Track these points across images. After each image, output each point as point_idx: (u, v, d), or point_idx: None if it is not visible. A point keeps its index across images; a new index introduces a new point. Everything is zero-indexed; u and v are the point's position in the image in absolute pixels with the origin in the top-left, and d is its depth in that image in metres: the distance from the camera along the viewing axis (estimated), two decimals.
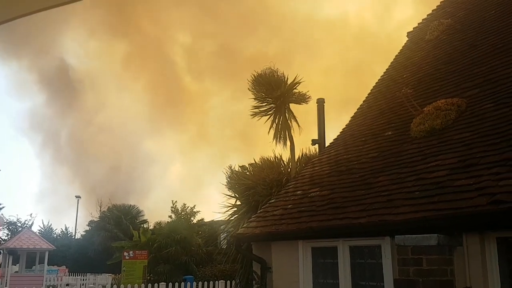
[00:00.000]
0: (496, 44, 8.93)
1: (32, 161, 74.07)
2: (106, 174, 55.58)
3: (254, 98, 12.88)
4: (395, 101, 9.56)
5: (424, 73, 10.13)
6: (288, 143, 12.70)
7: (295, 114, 13.00)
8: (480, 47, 9.31)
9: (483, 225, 5.35)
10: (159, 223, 25.21)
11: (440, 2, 13.08)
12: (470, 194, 5.41)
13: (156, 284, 14.87)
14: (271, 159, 13.60)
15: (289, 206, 8.47)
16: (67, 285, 26.28)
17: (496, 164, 5.67)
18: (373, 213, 6.39)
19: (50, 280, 26.12)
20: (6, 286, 21.46)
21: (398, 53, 12.39)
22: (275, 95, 12.55)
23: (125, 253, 17.08)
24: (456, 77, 8.94)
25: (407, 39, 12.86)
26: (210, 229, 22.56)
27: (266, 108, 12.91)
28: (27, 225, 35.29)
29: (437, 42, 11.00)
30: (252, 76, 12.78)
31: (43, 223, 38.09)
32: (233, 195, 13.77)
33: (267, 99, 12.83)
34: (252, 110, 13.00)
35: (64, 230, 39.02)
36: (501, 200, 4.97)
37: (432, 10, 12.99)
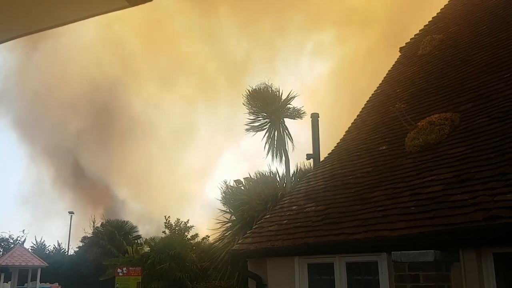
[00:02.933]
0: (487, 59, 9.02)
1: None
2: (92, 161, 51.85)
3: (249, 113, 12.92)
4: (389, 115, 9.60)
5: (417, 88, 10.20)
6: (283, 157, 12.70)
7: (289, 128, 13.04)
8: (472, 62, 9.41)
9: (479, 240, 5.34)
10: (153, 239, 24.99)
11: (432, 18, 13.24)
12: (466, 209, 5.40)
13: None
14: (266, 173, 13.59)
15: (285, 221, 8.42)
16: None
17: (491, 179, 5.69)
18: (369, 229, 6.36)
19: None
20: None
21: (391, 68, 12.49)
22: (269, 110, 12.59)
23: (119, 270, 16.87)
24: (449, 92, 9.01)
25: (400, 54, 12.98)
26: (205, 245, 22.40)
27: (261, 122, 12.94)
28: (20, 242, 34.79)
29: (429, 57, 11.10)
30: (247, 91, 12.84)
31: (35, 239, 37.57)
32: (228, 210, 13.71)
33: (262, 113, 12.87)
34: (247, 125, 13.02)
35: (57, 246, 38.52)
36: (497, 215, 4.97)
37: (424, 26, 13.14)
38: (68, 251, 38.63)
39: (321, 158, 11.34)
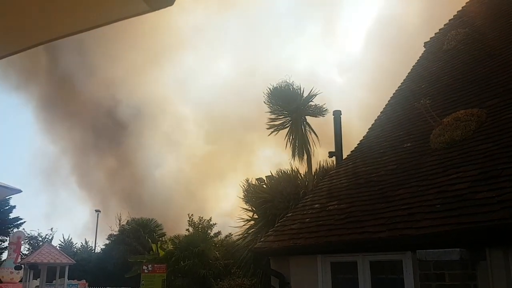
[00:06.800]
0: None
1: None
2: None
3: (270, 112, 12.90)
4: (413, 112, 9.45)
5: (442, 83, 10.01)
6: (305, 156, 12.65)
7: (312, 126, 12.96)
8: (498, 56, 9.18)
9: (506, 239, 5.22)
10: (177, 236, 25.28)
11: (457, 12, 12.96)
12: (493, 207, 5.29)
13: None
14: (288, 171, 13.57)
15: (307, 220, 8.40)
16: None
17: None
18: (394, 227, 6.29)
19: None
20: None
21: (416, 63, 12.28)
22: (291, 108, 12.55)
23: (144, 267, 17.15)
24: (475, 87, 8.82)
25: (425, 49, 12.75)
26: (228, 242, 22.54)
27: (282, 121, 12.91)
28: (48, 240, 35.67)
29: (454, 52, 10.88)
30: (268, 89, 12.82)
31: (63, 237, 38.53)
32: (250, 208, 13.76)
33: (283, 112, 12.84)
34: (268, 123, 13.01)
35: (84, 244, 39.41)
36: None
37: (449, 20, 12.87)
38: (95, 249, 39.46)
39: (344, 156, 11.25)
